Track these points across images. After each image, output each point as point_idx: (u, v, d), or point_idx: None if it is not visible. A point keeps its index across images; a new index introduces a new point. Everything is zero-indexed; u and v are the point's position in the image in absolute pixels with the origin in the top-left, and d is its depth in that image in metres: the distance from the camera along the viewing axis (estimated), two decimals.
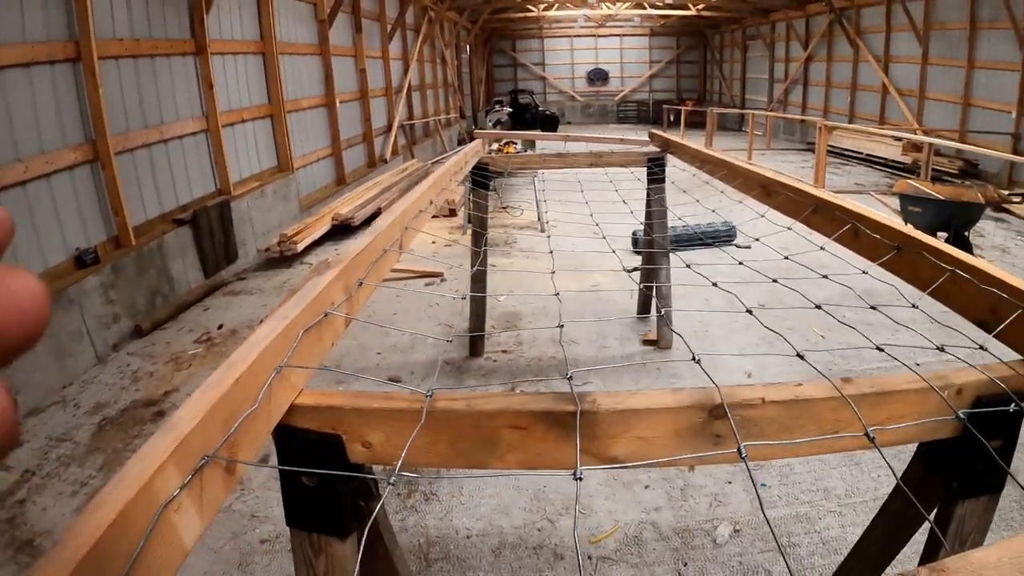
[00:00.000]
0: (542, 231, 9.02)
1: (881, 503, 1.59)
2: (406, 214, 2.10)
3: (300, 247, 7.64)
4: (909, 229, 1.72)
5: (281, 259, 7.71)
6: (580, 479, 0.90)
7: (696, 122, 22.23)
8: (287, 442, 1.03)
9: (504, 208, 10.36)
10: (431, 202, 2.58)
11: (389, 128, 14.29)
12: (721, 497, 3.39)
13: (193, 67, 7.22)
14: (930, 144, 10.81)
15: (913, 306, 1.54)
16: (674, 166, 4.59)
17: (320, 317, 1.20)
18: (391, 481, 0.92)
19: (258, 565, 2.98)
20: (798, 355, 1.30)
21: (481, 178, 4.64)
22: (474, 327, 5.17)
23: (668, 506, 3.35)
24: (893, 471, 1.12)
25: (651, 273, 5.13)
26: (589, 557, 2.95)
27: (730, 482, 3.50)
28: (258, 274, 7.52)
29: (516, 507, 3.32)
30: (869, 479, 3.53)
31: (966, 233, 7.32)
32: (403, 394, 1.07)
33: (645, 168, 4.67)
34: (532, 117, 25.27)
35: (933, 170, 12.51)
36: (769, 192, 2.54)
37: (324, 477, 1.02)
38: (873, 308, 1.62)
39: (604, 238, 2.65)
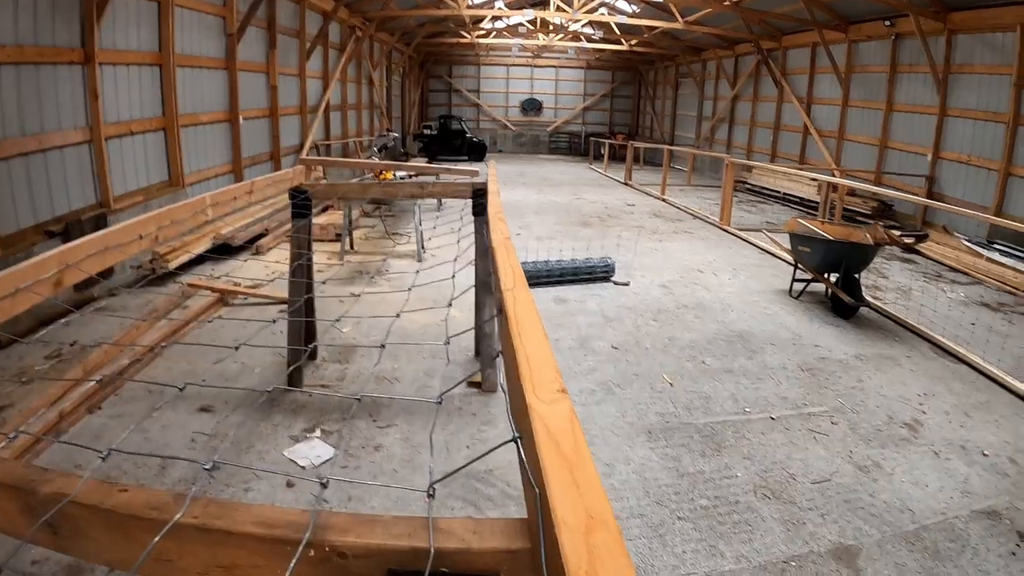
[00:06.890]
0: (419, 260, 9.34)
1: None
2: (63, 256, 2.41)
3: (172, 266, 7.74)
4: None
5: (155, 277, 7.76)
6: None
7: (624, 156, 23.29)
8: None
9: (390, 236, 10.71)
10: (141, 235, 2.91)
11: (301, 147, 14.56)
12: None
13: (80, 76, 7.37)
14: (827, 184, 11.68)
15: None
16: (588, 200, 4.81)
17: None
18: None
19: None
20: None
21: (302, 204, 4.79)
22: (291, 358, 5.18)
23: None
24: None
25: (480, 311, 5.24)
26: None
27: None
28: (129, 291, 7.57)
29: None
30: None
31: (857, 275, 7.60)
32: None
33: (470, 200, 4.92)
34: (460, 144, 25.96)
35: (846, 210, 13.45)
36: None
37: None
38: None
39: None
